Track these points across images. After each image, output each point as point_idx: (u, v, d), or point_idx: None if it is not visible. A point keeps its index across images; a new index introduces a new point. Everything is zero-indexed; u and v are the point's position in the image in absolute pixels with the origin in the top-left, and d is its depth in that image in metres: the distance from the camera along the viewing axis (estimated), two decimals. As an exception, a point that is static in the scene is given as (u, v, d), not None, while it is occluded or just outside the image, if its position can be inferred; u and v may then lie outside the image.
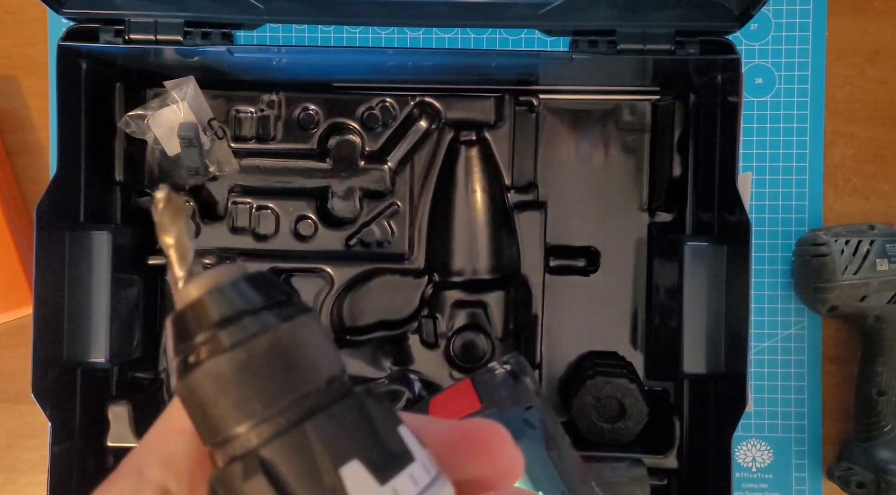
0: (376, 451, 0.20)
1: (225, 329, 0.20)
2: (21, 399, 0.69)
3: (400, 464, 0.20)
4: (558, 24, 0.57)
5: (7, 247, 0.65)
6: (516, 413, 0.47)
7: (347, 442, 0.19)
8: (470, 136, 0.65)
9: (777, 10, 0.67)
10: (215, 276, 0.21)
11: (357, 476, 0.19)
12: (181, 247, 0.21)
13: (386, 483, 0.19)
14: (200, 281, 0.21)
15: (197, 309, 0.20)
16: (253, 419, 0.19)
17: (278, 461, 0.19)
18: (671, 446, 0.63)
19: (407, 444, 0.20)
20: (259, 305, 0.20)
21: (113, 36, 0.56)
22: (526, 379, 0.51)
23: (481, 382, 0.51)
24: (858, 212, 0.68)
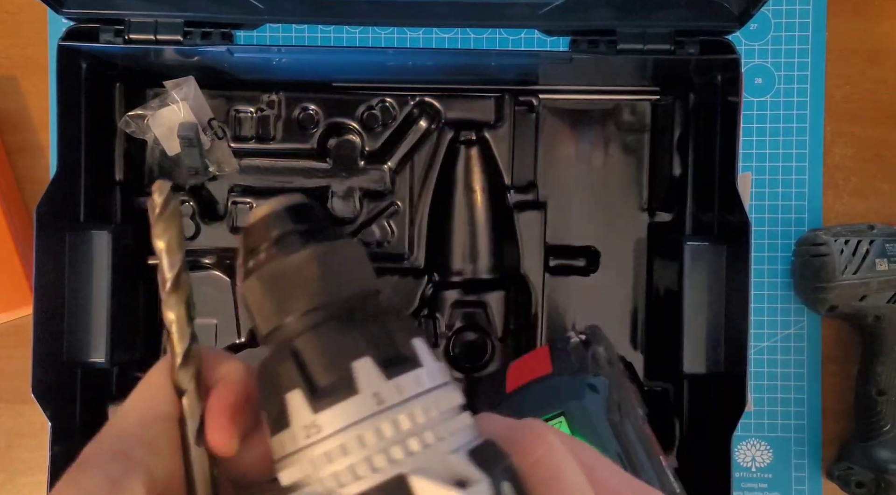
0: (388, 353, 0.23)
1: (277, 244, 0.24)
2: (21, 399, 0.69)
3: (408, 366, 0.23)
4: (558, 24, 0.57)
5: (7, 247, 0.65)
6: (583, 377, 0.49)
7: (364, 341, 0.23)
8: (470, 136, 0.65)
9: (777, 10, 0.67)
10: (280, 201, 0.25)
11: (367, 369, 0.22)
12: (171, 252, 0.26)
13: (391, 378, 0.22)
14: (268, 204, 0.25)
15: (260, 225, 0.25)
16: (293, 315, 0.23)
17: (305, 350, 0.23)
18: (671, 446, 0.63)
19: (417, 353, 0.23)
20: (304, 228, 0.25)
21: (113, 36, 0.56)
22: (599, 349, 0.52)
23: (556, 348, 0.52)
24: (858, 212, 0.68)
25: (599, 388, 0.48)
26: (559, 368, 0.50)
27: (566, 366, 0.50)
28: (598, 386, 0.48)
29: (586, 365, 0.50)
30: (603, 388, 0.48)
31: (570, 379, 0.49)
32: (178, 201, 0.26)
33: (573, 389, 0.47)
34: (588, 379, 0.48)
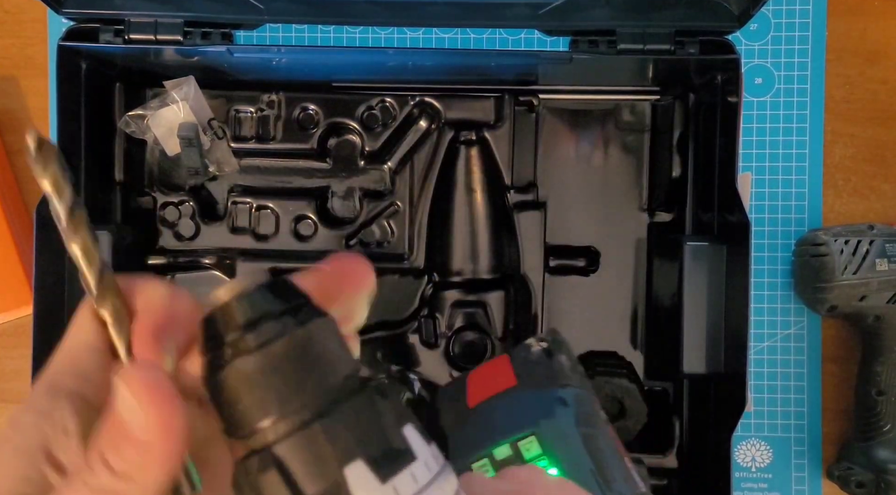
0: (380, 450, 0.21)
1: (249, 332, 0.21)
2: (21, 399, 0.69)
3: (402, 463, 0.21)
4: (558, 24, 0.57)
5: (7, 247, 0.65)
6: (551, 392, 0.47)
7: (353, 442, 0.21)
8: (470, 136, 0.65)
9: (777, 10, 0.67)
10: (242, 283, 0.22)
11: (360, 474, 0.20)
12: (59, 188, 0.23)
13: (387, 481, 0.21)
14: (229, 286, 0.22)
15: (225, 312, 0.22)
16: (270, 417, 0.21)
17: (289, 457, 0.21)
18: (671, 446, 0.63)
19: (410, 443, 0.22)
20: (279, 310, 0.22)
21: (113, 36, 0.56)
22: (561, 357, 0.50)
23: (518, 358, 0.51)
24: (858, 212, 0.68)
25: (569, 401, 0.46)
26: (524, 381, 0.48)
27: (531, 379, 0.49)
28: (567, 399, 0.46)
29: (553, 376, 0.48)
30: (572, 401, 0.46)
31: (537, 394, 0.47)
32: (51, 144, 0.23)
33: (542, 406, 0.46)
34: (556, 393, 0.47)
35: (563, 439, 0.43)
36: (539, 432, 0.43)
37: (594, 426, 0.47)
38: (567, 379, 0.48)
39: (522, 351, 0.51)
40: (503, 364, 0.51)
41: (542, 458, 0.42)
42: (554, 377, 0.48)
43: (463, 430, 0.47)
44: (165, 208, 0.65)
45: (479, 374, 0.52)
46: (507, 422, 0.45)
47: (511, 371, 0.49)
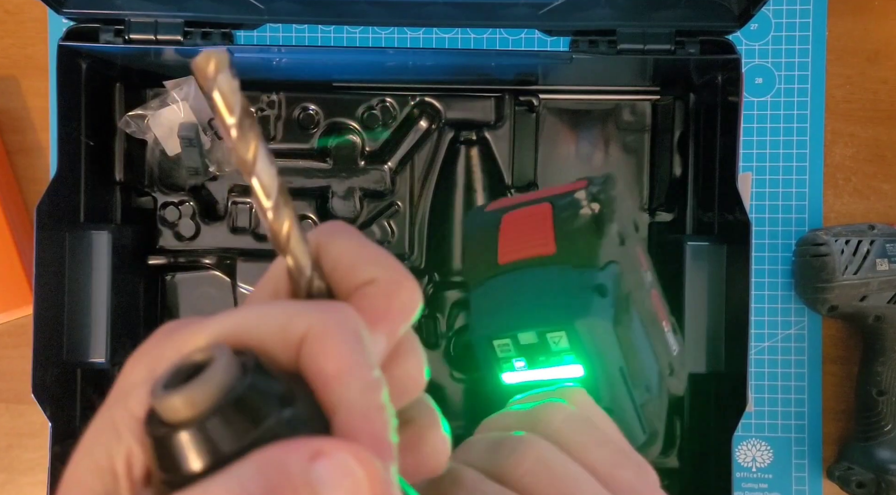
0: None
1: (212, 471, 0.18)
2: (21, 399, 0.69)
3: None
4: (558, 24, 0.57)
5: (7, 247, 0.65)
6: (589, 275, 0.40)
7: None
8: (470, 136, 0.65)
9: (777, 10, 0.67)
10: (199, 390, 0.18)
11: None
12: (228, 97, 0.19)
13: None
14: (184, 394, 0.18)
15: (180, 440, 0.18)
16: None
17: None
18: (671, 446, 0.63)
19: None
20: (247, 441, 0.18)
21: (113, 36, 0.56)
22: (612, 227, 0.42)
23: (562, 216, 0.42)
24: (858, 212, 0.68)
25: (608, 288, 0.40)
26: (563, 252, 0.41)
27: (572, 252, 0.41)
28: (605, 284, 0.40)
29: (597, 253, 0.41)
30: (611, 287, 0.40)
31: (575, 276, 0.40)
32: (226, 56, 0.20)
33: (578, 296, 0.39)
34: (596, 278, 0.40)
35: (594, 341, 0.38)
36: (570, 330, 0.38)
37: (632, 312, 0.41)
38: (612, 255, 0.41)
39: (568, 207, 0.43)
40: (544, 218, 0.43)
41: (569, 353, 0.38)
42: (597, 253, 0.41)
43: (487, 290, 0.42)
44: (165, 208, 0.65)
45: (515, 220, 0.44)
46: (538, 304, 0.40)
47: (551, 232, 0.42)
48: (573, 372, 0.38)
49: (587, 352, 0.38)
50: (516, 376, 0.40)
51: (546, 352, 0.39)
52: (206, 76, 0.19)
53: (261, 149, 0.19)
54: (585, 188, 0.43)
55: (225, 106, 0.19)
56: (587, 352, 0.38)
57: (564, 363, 0.38)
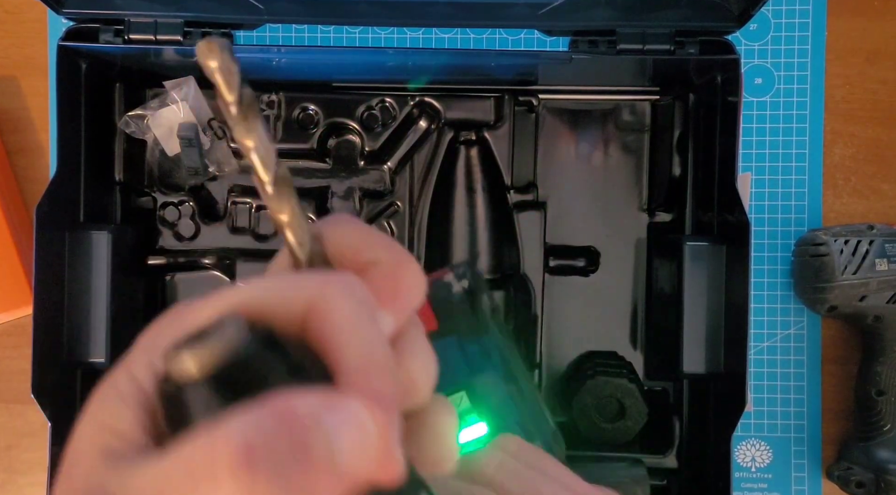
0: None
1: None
2: (21, 399, 0.69)
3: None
4: (558, 24, 0.57)
5: (7, 247, 0.65)
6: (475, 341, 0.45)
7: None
8: (470, 136, 0.65)
9: (777, 10, 0.67)
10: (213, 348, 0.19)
11: None
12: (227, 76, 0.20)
13: None
14: (195, 353, 0.19)
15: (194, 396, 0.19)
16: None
17: None
18: (671, 446, 0.63)
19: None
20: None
21: (113, 36, 0.56)
22: (483, 298, 0.47)
23: (437, 297, 0.46)
24: (858, 212, 0.68)
25: (492, 352, 0.44)
26: (445, 326, 0.45)
27: (453, 325, 0.45)
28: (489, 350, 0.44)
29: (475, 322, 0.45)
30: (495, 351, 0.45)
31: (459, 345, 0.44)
32: (226, 41, 0.20)
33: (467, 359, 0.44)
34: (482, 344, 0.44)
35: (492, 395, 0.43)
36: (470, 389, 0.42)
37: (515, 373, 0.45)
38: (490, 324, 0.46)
39: (441, 289, 0.47)
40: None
41: (471, 412, 0.42)
42: (475, 323, 0.45)
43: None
44: (165, 208, 0.65)
45: None
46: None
47: (430, 311, 0.46)
48: (478, 432, 0.41)
49: (488, 408, 0.41)
50: None
51: None
52: (206, 57, 0.19)
53: (259, 126, 0.20)
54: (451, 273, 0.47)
55: (224, 84, 0.20)
56: (488, 408, 0.41)
57: (468, 423, 0.41)
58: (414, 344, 0.23)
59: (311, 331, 0.20)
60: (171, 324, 0.21)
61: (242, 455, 0.17)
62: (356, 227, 0.23)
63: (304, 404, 0.18)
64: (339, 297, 0.20)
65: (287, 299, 0.20)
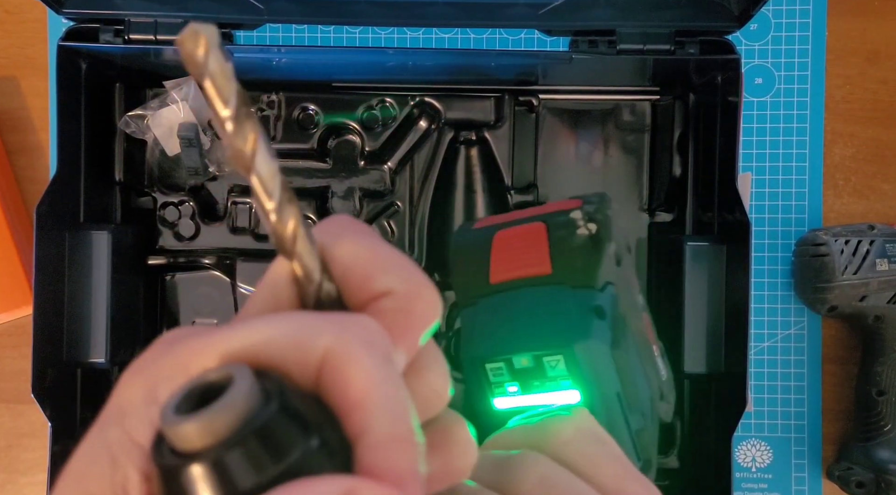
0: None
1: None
2: (21, 399, 0.69)
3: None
4: (558, 24, 0.57)
5: (7, 247, 0.65)
6: (587, 295, 0.39)
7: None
8: (470, 136, 0.65)
9: (777, 10, 0.67)
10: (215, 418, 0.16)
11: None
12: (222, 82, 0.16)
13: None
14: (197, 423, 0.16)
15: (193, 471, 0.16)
16: None
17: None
18: (671, 446, 0.63)
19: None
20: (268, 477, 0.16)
21: (113, 36, 0.56)
22: (609, 247, 0.41)
23: (557, 235, 0.41)
24: (858, 212, 0.68)
25: (606, 310, 0.39)
26: (560, 272, 0.40)
27: (568, 272, 0.40)
28: (604, 307, 0.39)
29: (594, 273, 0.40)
30: (609, 309, 0.39)
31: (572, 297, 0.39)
32: (214, 32, 0.17)
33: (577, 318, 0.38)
34: (595, 300, 0.39)
35: (593, 365, 0.37)
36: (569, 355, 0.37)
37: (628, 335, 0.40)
38: (610, 276, 0.40)
39: (564, 227, 0.41)
40: (538, 237, 0.41)
41: (565, 377, 0.37)
42: (595, 274, 0.40)
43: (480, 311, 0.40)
44: (165, 208, 0.65)
45: (508, 238, 0.42)
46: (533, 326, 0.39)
47: (546, 251, 0.41)
48: (569, 398, 0.37)
49: (585, 377, 0.37)
50: (509, 401, 0.38)
51: (542, 377, 0.37)
52: (194, 58, 0.16)
53: (260, 143, 0.17)
54: (581, 207, 0.42)
55: (217, 95, 0.16)
56: (585, 377, 0.37)
57: (561, 388, 0.37)
58: (431, 356, 0.21)
59: (326, 389, 0.18)
60: (166, 364, 0.18)
61: None
62: (364, 245, 0.21)
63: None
64: (359, 350, 0.18)
65: (300, 346, 0.18)
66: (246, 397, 0.16)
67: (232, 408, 0.16)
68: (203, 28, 0.16)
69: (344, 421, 0.18)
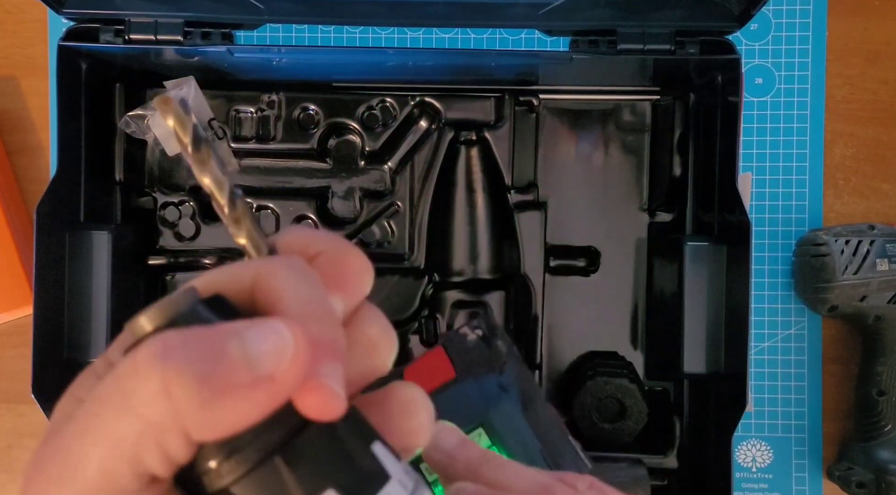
0: (350, 476, 0.20)
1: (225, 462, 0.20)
2: (21, 399, 0.69)
3: (375, 485, 0.20)
4: (558, 24, 0.57)
5: (7, 247, 0.65)
6: (491, 379, 0.47)
7: (319, 472, 0.19)
8: (470, 136, 0.65)
9: (777, 10, 0.67)
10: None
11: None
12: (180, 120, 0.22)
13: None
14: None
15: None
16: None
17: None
18: (671, 446, 0.63)
19: (381, 462, 0.20)
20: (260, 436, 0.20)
21: (113, 36, 0.56)
22: (497, 342, 0.50)
23: (453, 348, 0.50)
24: (858, 212, 0.68)
25: (509, 386, 0.46)
26: (462, 372, 0.48)
27: (469, 369, 0.48)
28: (506, 384, 0.46)
29: (490, 362, 0.48)
30: (513, 385, 0.46)
31: (478, 384, 0.47)
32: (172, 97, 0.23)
33: (485, 395, 0.46)
34: (497, 380, 0.47)
35: (510, 426, 0.43)
36: (486, 423, 0.43)
37: (536, 407, 0.47)
38: (504, 363, 0.48)
39: (456, 340, 0.50)
40: (439, 356, 0.50)
41: (490, 447, 0.43)
42: (491, 363, 0.48)
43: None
44: (165, 208, 0.65)
45: (414, 370, 0.51)
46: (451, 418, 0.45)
47: (448, 362, 0.49)
48: None
49: (506, 442, 0.42)
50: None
51: None
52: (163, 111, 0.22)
53: (212, 161, 0.24)
54: (467, 324, 0.51)
55: (181, 130, 0.22)
56: (506, 442, 0.42)
57: None
58: (369, 312, 0.24)
59: (258, 302, 0.22)
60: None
61: (159, 351, 0.19)
62: (304, 232, 0.24)
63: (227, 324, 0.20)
64: (280, 268, 0.22)
65: (235, 275, 0.22)
66: (184, 297, 0.20)
67: (172, 302, 0.20)
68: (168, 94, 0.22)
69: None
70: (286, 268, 0.22)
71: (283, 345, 0.19)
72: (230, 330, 0.19)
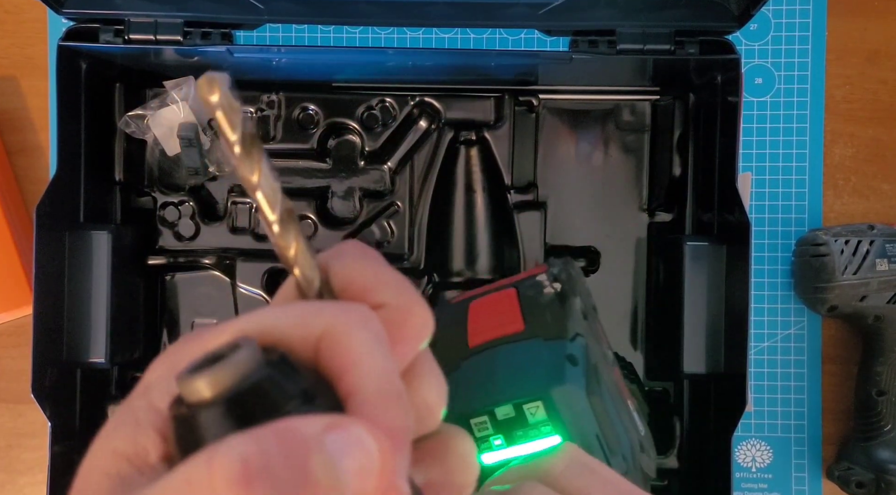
0: None
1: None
2: (21, 399, 0.69)
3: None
4: (558, 24, 0.57)
5: (7, 247, 0.65)
6: (559, 346, 0.42)
7: None
8: (470, 136, 0.65)
9: (777, 10, 0.67)
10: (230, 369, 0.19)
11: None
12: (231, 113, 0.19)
13: None
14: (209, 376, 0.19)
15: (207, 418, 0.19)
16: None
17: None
18: (671, 446, 0.63)
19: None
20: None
21: (113, 36, 0.56)
22: (575, 301, 0.45)
23: (526, 296, 0.45)
24: (858, 212, 0.68)
25: (578, 358, 0.42)
26: (532, 328, 0.43)
27: (540, 327, 0.43)
28: (577, 355, 0.42)
29: (563, 324, 0.43)
30: (581, 357, 0.42)
31: (546, 348, 0.42)
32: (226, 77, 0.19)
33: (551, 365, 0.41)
34: (566, 348, 0.42)
35: (571, 408, 0.40)
36: (547, 399, 0.40)
37: (602, 382, 0.43)
38: (578, 328, 0.44)
39: (532, 288, 0.46)
40: (510, 301, 0.45)
41: (546, 424, 0.39)
42: (564, 326, 0.43)
43: (462, 373, 0.43)
44: (165, 208, 0.65)
45: (482, 306, 0.46)
46: (512, 378, 0.41)
47: (518, 311, 0.44)
48: (551, 444, 0.39)
49: (564, 421, 0.39)
50: (496, 455, 0.40)
51: (523, 426, 0.40)
52: (208, 92, 0.19)
53: (264, 164, 0.20)
54: (546, 271, 0.46)
55: (227, 122, 0.19)
56: (564, 421, 0.39)
57: (542, 435, 0.39)
58: (425, 368, 0.22)
59: (324, 359, 0.20)
60: (187, 347, 0.21)
61: (240, 473, 0.17)
62: (365, 263, 0.22)
63: (307, 425, 0.18)
64: (355, 326, 0.20)
65: (302, 325, 0.20)
66: (247, 357, 0.19)
67: (234, 365, 0.18)
68: (217, 74, 0.19)
69: (337, 384, 0.20)
70: (363, 328, 0.20)
71: (370, 462, 0.18)
72: (311, 437, 0.18)
